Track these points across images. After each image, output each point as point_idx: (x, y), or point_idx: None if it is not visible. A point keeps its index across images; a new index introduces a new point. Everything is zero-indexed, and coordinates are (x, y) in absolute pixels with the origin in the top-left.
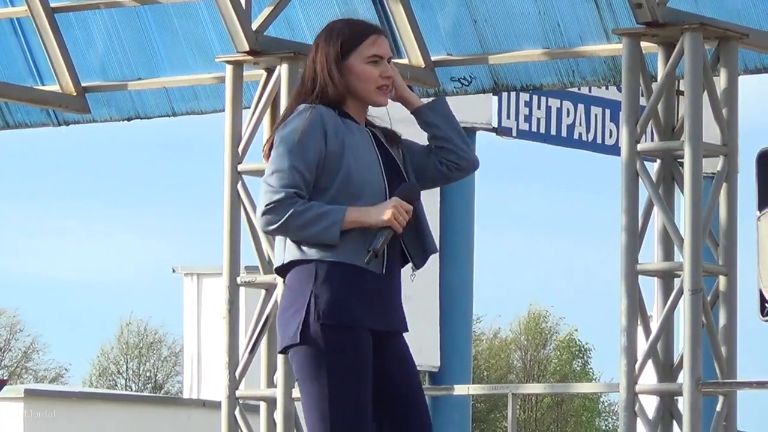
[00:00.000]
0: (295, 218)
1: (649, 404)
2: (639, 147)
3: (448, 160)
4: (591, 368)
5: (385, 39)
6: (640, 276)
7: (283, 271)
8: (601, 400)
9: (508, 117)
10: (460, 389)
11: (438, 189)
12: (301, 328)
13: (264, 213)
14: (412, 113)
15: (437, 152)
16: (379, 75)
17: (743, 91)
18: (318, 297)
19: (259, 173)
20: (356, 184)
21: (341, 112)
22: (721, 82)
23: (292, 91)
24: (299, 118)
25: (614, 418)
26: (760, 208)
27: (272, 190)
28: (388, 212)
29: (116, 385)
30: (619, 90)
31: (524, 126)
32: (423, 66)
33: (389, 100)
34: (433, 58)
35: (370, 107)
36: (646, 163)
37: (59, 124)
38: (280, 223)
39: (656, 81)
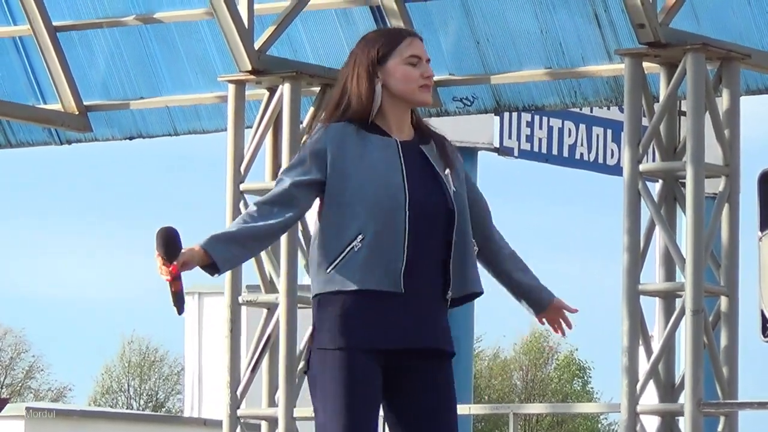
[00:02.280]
0: (248, 222)
1: (651, 424)
2: (641, 167)
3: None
4: (591, 388)
5: (420, 41)
6: (641, 296)
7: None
8: (602, 420)
9: (510, 137)
10: (461, 408)
11: None
12: (308, 355)
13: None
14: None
15: (482, 245)
16: (420, 75)
17: (745, 111)
18: (318, 324)
19: (261, 192)
20: (369, 198)
21: (368, 125)
22: (723, 102)
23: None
24: (314, 136)
25: None
26: (762, 228)
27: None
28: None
29: (118, 404)
30: (621, 110)
31: (526, 146)
32: None
33: None
34: (436, 78)
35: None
36: (648, 183)
37: (61, 143)
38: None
39: (658, 101)
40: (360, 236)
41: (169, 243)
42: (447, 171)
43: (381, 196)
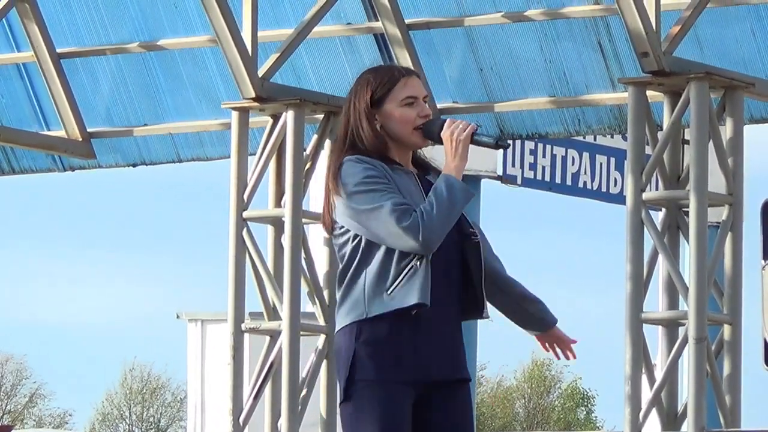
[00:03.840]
0: (429, 214)
1: None
2: (644, 196)
3: None
4: (595, 416)
5: (416, 79)
6: (644, 324)
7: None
8: None
9: (513, 165)
10: None
11: None
12: (345, 384)
13: (413, 236)
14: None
15: None
16: (417, 115)
17: (749, 140)
18: (357, 354)
19: (264, 220)
20: None
21: (385, 158)
22: (726, 131)
23: (331, 147)
24: (359, 166)
25: None
26: (765, 257)
27: (392, 217)
28: (451, 131)
29: (119, 431)
30: (625, 138)
31: (529, 174)
32: None
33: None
34: (439, 106)
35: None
36: (651, 211)
37: (65, 170)
38: (425, 229)
39: (662, 130)
40: (417, 257)
41: None
42: None
43: None
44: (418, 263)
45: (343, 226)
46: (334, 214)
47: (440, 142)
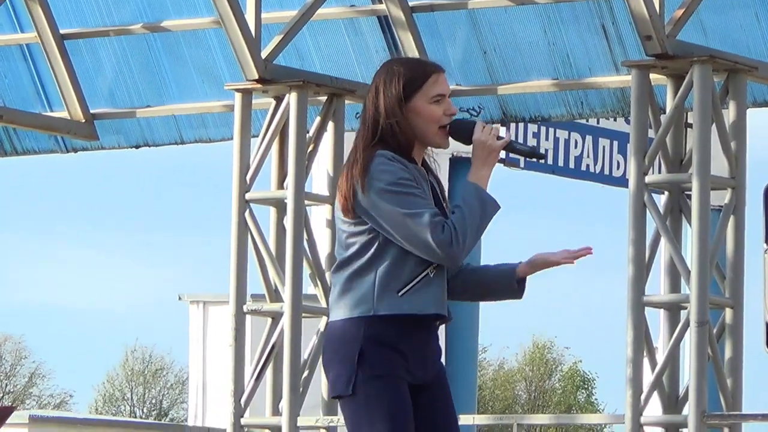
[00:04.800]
0: (462, 229)
1: None
2: (647, 179)
3: None
4: (596, 399)
5: (444, 76)
6: (646, 307)
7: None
8: (606, 431)
9: None
10: (465, 419)
11: None
12: (351, 379)
13: (443, 251)
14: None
15: None
16: (443, 113)
17: (751, 124)
18: (366, 351)
19: (267, 202)
20: None
21: (408, 157)
22: (729, 114)
23: (356, 133)
24: (394, 165)
25: None
26: None
27: (428, 228)
28: (484, 137)
29: (120, 412)
30: (628, 122)
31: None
32: None
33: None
34: None
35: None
36: (653, 195)
37: (67, 151)
38: (457, 245)
39: (665, 113)
40: (433, 266)
41: None
42: (446, 204)
43: None
44: (434, 271)
45: (360, 217)
46: (354, 203)
47: (469, 143)
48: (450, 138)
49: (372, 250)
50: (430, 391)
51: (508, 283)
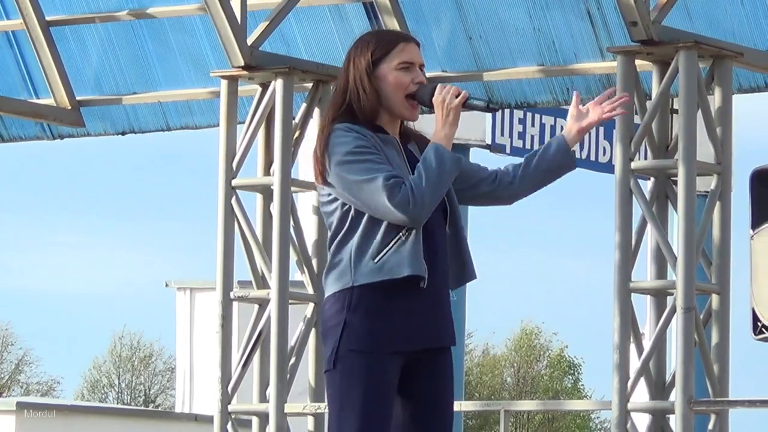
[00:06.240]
0: (419, 188)
1: (642, 422)
2: (633, 165)
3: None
4: (582, 385)
5: (415, 46)
6: (632, 293)
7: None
8: (593, 417)
9: (502, 134)
10: None
11: None
12: (334, 353)
13: (403, 212)
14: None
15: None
16: (411, 81)
17: (737, 109)
18: (349, 323)
19: (253, 188)
20: None
21: (374, 126)
22: (715, 100)
23: (327, 102)
24: (349, 135)
25: None
26: (754, 226)
27: (383, 190)
28: (443, 96)
29: (107, 399)
30: None
31: (518, 143)
32: None
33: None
34: (428, 75)
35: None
36: (639, 180)
37: (53, 138)
38: (415, 204)
39: (650, 99)
40: (405, 228)
41: None
42: None
43: None
44: (407, 234)
45: (330, 194)
46: (328, 176)
47: (431, 107)
48: (420, 107)
49: (347, 223)
50: (433, 358)
51: (565, 158)
